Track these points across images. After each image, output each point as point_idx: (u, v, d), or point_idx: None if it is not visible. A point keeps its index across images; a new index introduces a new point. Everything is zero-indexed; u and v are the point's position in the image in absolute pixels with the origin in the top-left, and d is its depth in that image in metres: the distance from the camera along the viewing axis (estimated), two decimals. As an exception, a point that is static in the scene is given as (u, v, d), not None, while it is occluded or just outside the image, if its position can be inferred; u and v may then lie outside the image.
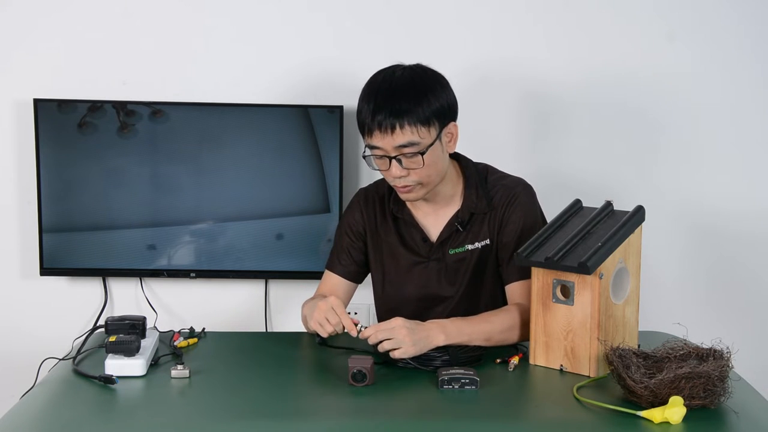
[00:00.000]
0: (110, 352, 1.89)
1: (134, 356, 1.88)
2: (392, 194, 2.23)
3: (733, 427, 1.65)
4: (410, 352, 1.90)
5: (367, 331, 1.93)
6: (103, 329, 2.02)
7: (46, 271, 2.78)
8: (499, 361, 1.97)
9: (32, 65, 2.79)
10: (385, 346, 1.90)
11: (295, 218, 2.77)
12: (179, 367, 1.89)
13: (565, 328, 1.91)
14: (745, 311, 2.87)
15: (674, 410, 1.62)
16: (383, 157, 2.06)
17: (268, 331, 2.87)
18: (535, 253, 1.95)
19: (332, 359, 2.01)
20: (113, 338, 1.90)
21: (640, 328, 2.02)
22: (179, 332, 2.16)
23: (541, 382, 1.90)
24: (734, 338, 1.81)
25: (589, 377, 1.88)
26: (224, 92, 2.77)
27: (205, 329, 2.21)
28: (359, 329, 1.93)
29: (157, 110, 2.73)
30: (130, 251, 2.77)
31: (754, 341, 2.77)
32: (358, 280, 2.33)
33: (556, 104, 2.81)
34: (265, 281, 2.88)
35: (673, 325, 2.08)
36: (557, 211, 2.05)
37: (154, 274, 2.81)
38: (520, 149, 2.82)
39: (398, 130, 2.01)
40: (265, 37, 2.79)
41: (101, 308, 2.87)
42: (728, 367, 1.71)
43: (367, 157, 2.10)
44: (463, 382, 1.80)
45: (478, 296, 2.21)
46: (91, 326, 2.75)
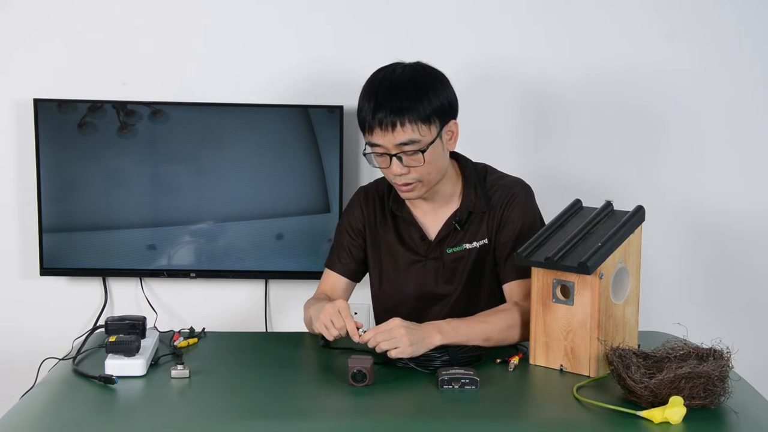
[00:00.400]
0: (110, 352, 1.89)
1: (134, 356, 1.88)
2: (392, 192, 2.23)
3: (733, 427, 1.65)
4: (407, 352, 1.89)
5: (366, 335, 1.92)
6: (103, 329, 2.02)
7: (46, 271, 2.78)
8: (499, 361, 1.97)
9: (32, 65, 2.79)
10: (382, 346, 1.90)
11: (295, 218, 2.77)
12: (179, 367, 1.89)
13: (565, 328, 1.91)
14: (745, 311, 2.87)
15: (674, 410, 1.62)
16: (384, 154, 2.06)
17: (268, 331, 2.87)
18: (535, 253, 1.94)
19: (332, 359, 2.01)
20: (113, 338, 1.90)
21: (640, 328, 2.02)
22: (179, 332, 2.16)
23: (541, 382, 1.90)
24: (734, 338, 1.81)
25: (589, 377, 1.88)
26: (224, 92, 2.77)
27: (205, 329, 2.21)
28: (360, 333, 1.93)
29: (157, 110, 2.73)
30: (130, 251, 2.77)
31: (754, 341, 2.77)
32: (357, 278, 2.33)
33: (556, 103, 2.81)
34: (265, 281, 2.87)
35: (673, 325, 2.08)
36: (557, 210, 2.05)
37: (154, 274, 2.81)
38: (520, 148, 2.82)
39: (399, 127, 2.01)
40: (265, 37, 2.79)
41: (101, 308, 2.87)
42: (728, 367, 1.71)
43: (367, 154, 2.10)
44: (463, 382, 1.79)
45: (476, 295, 2.21)
46: (91, 326, 2.75)
